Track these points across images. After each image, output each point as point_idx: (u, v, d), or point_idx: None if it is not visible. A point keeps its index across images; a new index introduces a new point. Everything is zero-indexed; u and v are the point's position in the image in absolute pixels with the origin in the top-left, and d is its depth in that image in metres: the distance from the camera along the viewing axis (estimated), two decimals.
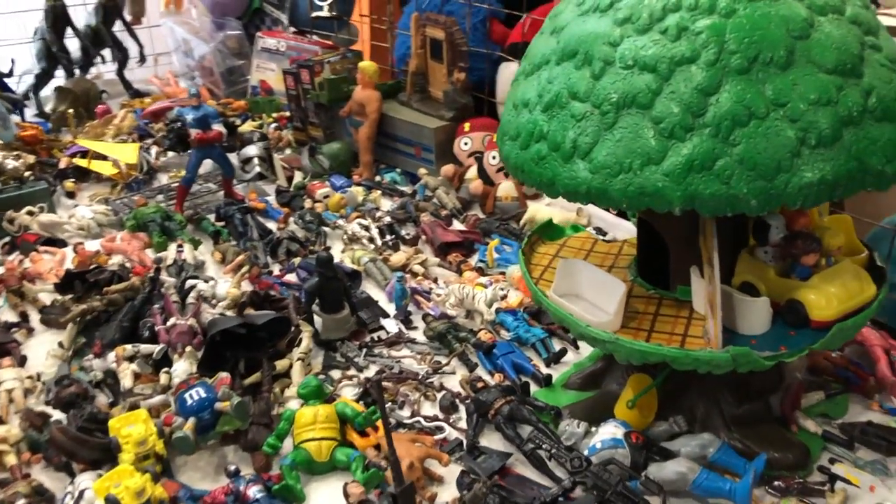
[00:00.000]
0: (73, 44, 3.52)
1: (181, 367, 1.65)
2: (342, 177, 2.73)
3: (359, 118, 2.77)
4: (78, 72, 3.58)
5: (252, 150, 2.82)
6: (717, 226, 1.25)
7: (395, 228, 2.35)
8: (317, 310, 1.86)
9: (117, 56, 3.62)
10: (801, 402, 1.51)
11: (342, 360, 1.79)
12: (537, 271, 1.59)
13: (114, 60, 3.64)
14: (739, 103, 1.13)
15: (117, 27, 3.58)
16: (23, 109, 3.36)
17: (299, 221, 2.41)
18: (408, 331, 1.91)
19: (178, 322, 1.75)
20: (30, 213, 2.41)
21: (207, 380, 1.56)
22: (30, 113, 3.40)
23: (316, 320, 1.86)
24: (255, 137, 2.88)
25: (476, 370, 1.74)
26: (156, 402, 1.57)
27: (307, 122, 3.03)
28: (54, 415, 1.59)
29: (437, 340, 1.84)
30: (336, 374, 1.75)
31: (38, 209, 2.45)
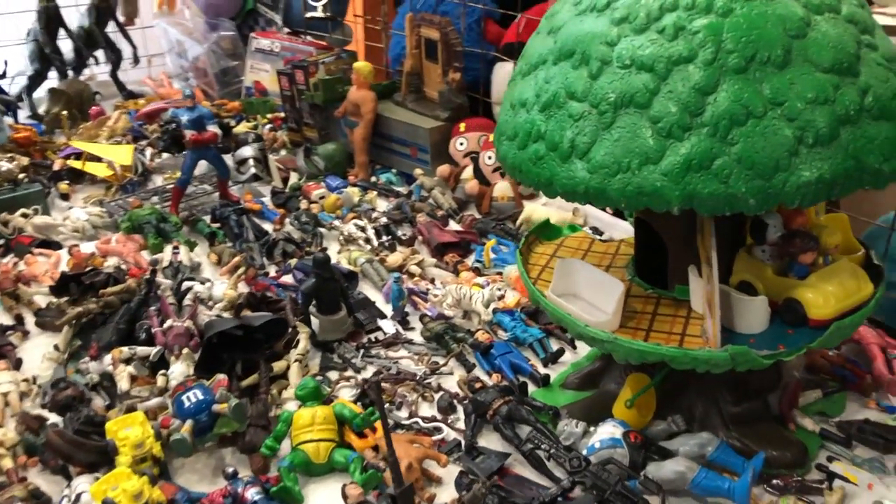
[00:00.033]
0: (66, 45, 3.50)
1: (178, 370, 1.64)
2: (338, 178, 2.73)
3: (354, 119, 2.77)
4: (71, 73, 3.56)
5: (247, 151, 2.81)
6: (714, 225, 1.25)
7: (392, 229, 2.34)
8: (314, 311, 1.85)
9: (111, 57, 3.60)
10: (798, 401, 1.51)
11: (339, 361, 1.79)
12: (535, 271, 1.59)
13: (107, 62, 3.63)
14: (737, 102, 1.13)
15: (110, 28, 3.56)
16: (16, 111, 3.34)
17: (295, 223, 2.40)
18: (405, 331, 1.90)
19: (174, 324, 1.75)
20: (24, 216, 2.41)
21: (205, 382, 1.56)
22: (23, 115, 3.38)
23: (313, 321, 1.85)
24: (250, 139, 2.87)
25: (474, 371, 1.74)
26: (153, 405, 1.57)
27: (302, 122, 3.03)
28: (50, 418, 1.58)
29: (434, 341, 1.83)
30: (333, 376, 1.74)
31: (33, 211, 2.44)
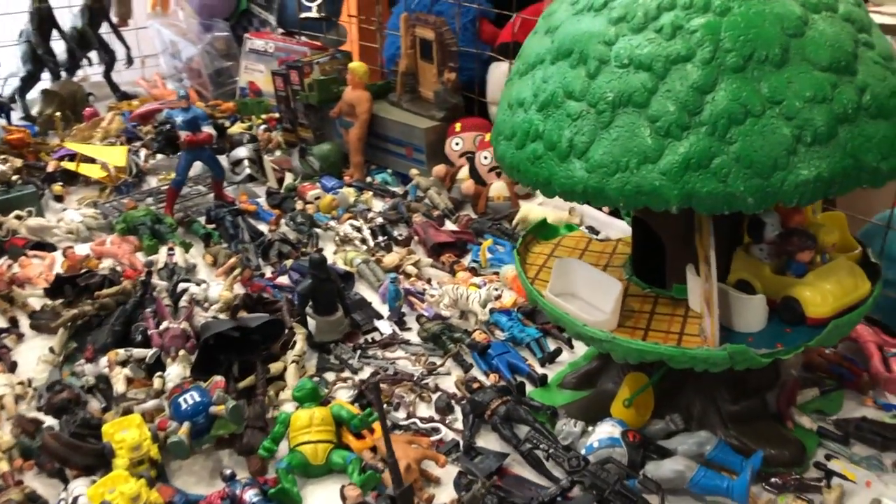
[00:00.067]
0: (59, 46, 3.49)
1: (175, 371, 1.64)
2: (333, 178, 2.72)
3: (349, 119, 2.76)
4: (64, 74, 3.54)
5: (242, 151, 2.80)
6: (712, 224, 1.25)
7: (388, 229, 2.34)
8: (310, 312, 1.85)
9: (104, 58, 3.59)
10: (796, 399, 1.51)
11: (336, 362, 1.79)
12: (532, 271, 1.59)
13: (101, 63, 3.61)
14: (735, 101, 1.13)
15: (104, 29, 3.55)
16: (9, 113, 3.32)
17: (291, 223, 2.39)
18: (402, 332, 1.90)
19: (170, 326, 1.74)
20: (18, 218, 2.39)
21: (202, 384, 1.55)
22: (16, 116, 3.37)
23: (309, 322, 1.85)
24: (245, 139, 2.87)
25: (471, 371, 1.73)
26: (149, 407, 1.56)
27: (297, 123, 3.02)
28: (46, 421, 1.57)
29: (431, 341, 1.83)
30: (330, 377, 1.74)
31: (27, 213, 2.42)
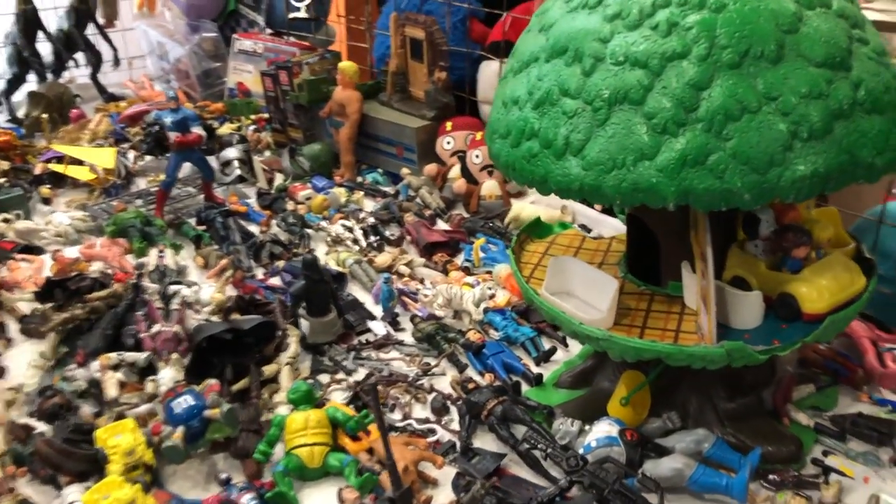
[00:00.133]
0: (45, 48, 3.46)
1: (168, 375, 1.62)
2: (323, 178, 2.71)
3: (339, 119, 2.75)
4: (50, 76, 3.51)
5: (232, 152, 2.78)
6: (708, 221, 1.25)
7: (380, 229, 2.32)
8: (303, 313, 1.83)
9: (91, 60, 3.55)
10: (792, 396, 1.52)
11: (330, 363, 1.77)
12: (527, 270, 1.58)
13: (87, 64, 3.58)
14: (732, 98, 1.13)
15: (90, 30, 3.52)
16: None
17: (282, 224, 2.38)
18: (396, 333, 1.89)
19: (162, 329, 1.72)
20: (5, 221, 2.36)
21: (195, 387, 1.54)
22: (1, 118, 3.33)
23: (302, 324, 1.84)
24: (235, 140, 2.85)
25: (466, 371, 1.73)
26: (143, 411, 1.54)
27: (286, 123, 3.00)
28: (38, 427, 1.55)
29: (425, 342, 1.82)
30: (324, 379, 1.73)
31: (14, 216, 2.40)
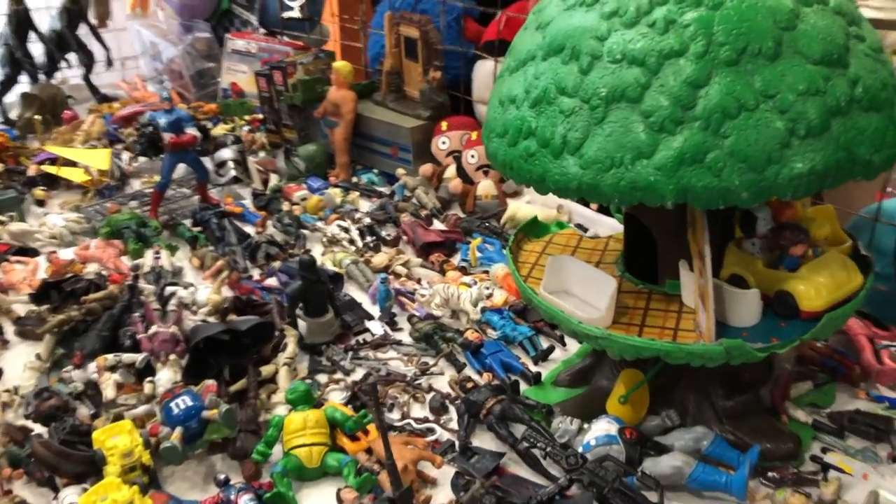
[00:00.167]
0: (37, 49, 3.44)
1: (165, 376, 1.61)
2: (319, 179, 2.70)
3: (334, 119, 2.74)
4: (43, 77, 3.50)
5: (226, 153, 2.77)
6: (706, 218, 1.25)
7: (376, 230, 2.32)
8: (300, 314, 1.83)
9: (83, 60, 3.54)
10: (790, 393, 1.52)
11: (328, 363, 1.77)
12: (525, 269, 1.58)
13: (80, 65, 3.57)
14: (729, 95, 1.13)
15: (82, 31, 3.51)
16: None
17: (277, 225, 2.37)
18: (393, 332, 1.89)
19: (159, 330, 1.71)
20: None
21: (193, 388, 1.53)
22: None
23: (300, 324, 1.83)
24: (229, 141, 2.84)
25: (464, 370, 1.73)
26: (140, 413, 1.54)
27: (281, 124, 2.99)
28: (35, 428, 1.55)
29: (423, 341, 1.82)
30: (322, 379, 1.72)
31: (8, 218, 2.39)
